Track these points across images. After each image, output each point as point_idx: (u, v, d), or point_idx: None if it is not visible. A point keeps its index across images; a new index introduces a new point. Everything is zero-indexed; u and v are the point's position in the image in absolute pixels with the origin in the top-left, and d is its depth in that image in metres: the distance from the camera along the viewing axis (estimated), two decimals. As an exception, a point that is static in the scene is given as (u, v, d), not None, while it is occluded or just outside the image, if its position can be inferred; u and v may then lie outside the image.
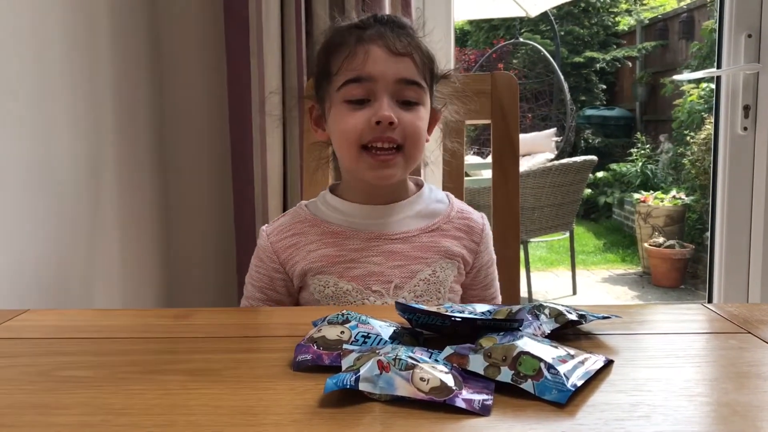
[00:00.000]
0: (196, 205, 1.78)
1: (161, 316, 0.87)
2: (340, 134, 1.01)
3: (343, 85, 0.99)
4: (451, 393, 0.53)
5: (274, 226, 1.08)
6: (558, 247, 5.58)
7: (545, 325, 0.69)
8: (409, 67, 1.00)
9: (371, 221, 1.04)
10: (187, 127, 1.76)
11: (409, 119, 0.98)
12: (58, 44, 1.26)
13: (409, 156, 1.00)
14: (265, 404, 0.55)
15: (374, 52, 0.98)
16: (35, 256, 1.18)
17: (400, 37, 1.00)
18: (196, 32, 1.73)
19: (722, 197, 1.91)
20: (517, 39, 7.69)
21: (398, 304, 0.71)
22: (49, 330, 0.79)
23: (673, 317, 0.83)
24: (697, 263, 4.67)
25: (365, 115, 0.97)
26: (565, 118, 6.56)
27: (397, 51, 0.99)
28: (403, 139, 0.98)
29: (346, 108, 0.99)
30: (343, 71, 0.99)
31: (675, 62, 6.86)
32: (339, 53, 1.01)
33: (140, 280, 1.63)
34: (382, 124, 0.96)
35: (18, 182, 1.13)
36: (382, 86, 0.97)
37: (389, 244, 1.02)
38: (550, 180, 4.08)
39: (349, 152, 1.00)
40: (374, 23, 1.02)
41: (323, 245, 1.02)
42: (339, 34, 1.03)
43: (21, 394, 0.58)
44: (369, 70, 0.97)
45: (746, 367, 0.63)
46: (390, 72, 0.98)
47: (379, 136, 0.97)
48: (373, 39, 0.99)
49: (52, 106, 1.23)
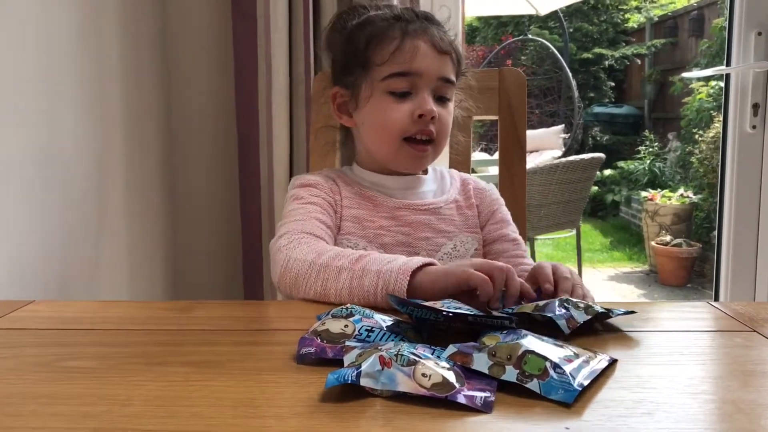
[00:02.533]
0: (202, 198, 1.78)
1: (166, 308, 0.87)
2: (382, 124, 1.04)
3: (389, 77, 1.02)
4: (452, 389, 0.53)
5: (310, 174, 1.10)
6: (564, 245, 5.57)
7: (578, 317, 0.69)
8: (449, 66, 1.05)
9: (399, 191, 1.08)
10: (194, 120, 1.76)
11: (444, 115, 1.04)
12: (66, 40, 1.26)
13: (439, 148, 1.07)
14: (267, 397, 0.55)
15: (422, 48, 1.02)
16: (42, 248, 1.19)
17: (442, 35, 1.05)
18: (203, 26, 1.74)
19: (730, 195, 1.90)
20: (525, 35, 7.67)
21: (392, 297, 0.71)
22: (54, 321, 0.79)
23: (679, 315, 0.83)
24: (705, 262, 4.65)
25: (409, 108, 1.02)
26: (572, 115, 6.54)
27: (442, 49, 1.03)
28: (437, 132, 1.04)
29: (389, 99, 1.03)
30: (390, 63, 1.02)
31: (684, 60, 6.82)
32: (384, 44, 1.03)
33: (146, 273, 1.63)
34: (425, 117, 1.01)
35: (25, 175, 1.13)
36: (425, 81, 1.02)
37: (417, 214, 1.06)
38: (557, 177, 4.07)
39: (390, 143, 1.04)
40: (416, 18, 1.06)
41: (356, 205, 1.05)
42: (381, 24, 1.05)
43: (24, 384, 0.59)
44: (417, 66, 1.01)
45: (751, 366, 0.62)
46: (434, 68, 1.02)
47: (422, 129, 1.02)
48: (418, 34, 1.03)
49: (60, 100, 1.23)
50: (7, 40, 1.09)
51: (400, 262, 0.83)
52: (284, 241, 0.94)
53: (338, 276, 0.84)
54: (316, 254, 0.88)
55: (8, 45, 1.09)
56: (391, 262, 0.83)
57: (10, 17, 1.09)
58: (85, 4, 1.33)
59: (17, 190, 1.11)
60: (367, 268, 0.84)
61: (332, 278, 0.85)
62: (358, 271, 0.84)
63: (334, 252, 0.88)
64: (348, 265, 0.85)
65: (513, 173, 1.29)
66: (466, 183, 1.15)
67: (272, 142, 1.60)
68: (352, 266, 0.85)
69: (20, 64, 1.12)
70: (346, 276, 0.84)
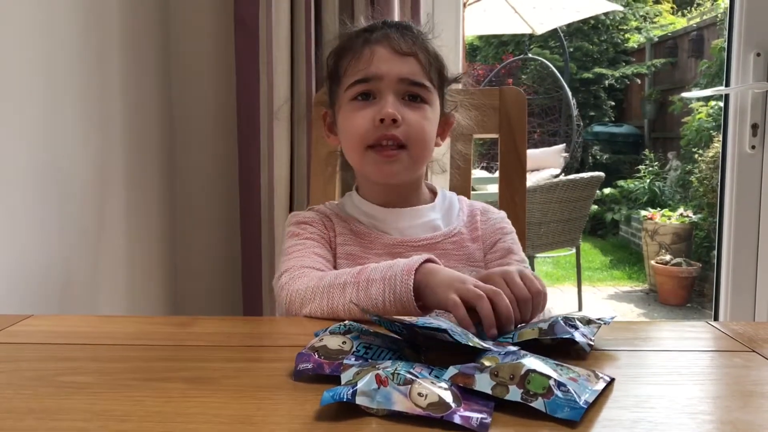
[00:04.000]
0: (202, 213, 1.79)
1: (164, 323, 0.86)
2: (347, 133, 1.03)
3: (350, 86, 1.01)
4: (448, 409, 0.53)
5: (305, 211, 1.10)
6: (564, 263, 5.56)
7: (588, 333, 0.69)
8: (414, 67, 1.01)
9: (394, 225, 1.04)
10: (196, 136, 1.77)
11: (413, 118, 0.99)
12: (68, 50, 1.27)
13: (414, 155, 1.01)
14: (263, 413, 0.55)
15: (378, 52, 1.00)
16: (41, 261, 1.19)
17: (404, 38, 1.02)
18: (205, 44, 1.75)
19: (729, 215, 1.90)
20: (526, 54, 7.71)
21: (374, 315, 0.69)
22: (52, 335, 0.79)
23: (678, 334, 0.83)
24: (704, 281, 4.64)
25: (370, 113, 0.99)
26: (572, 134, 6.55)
27: (402, 50, 1.00)
28: (407, 137, 0.99)
29: (352, 107, 1.01)
30: (350, 72, 1.01)
31: (684, 80, 6.85)
32: (347, 56, 1.03)
33: (146, 288, 1.63)
34: (386, 121, 0.97)
35: (25, 187, 1.14)
36: (386, 84, 0.99)
37: (413, 251, 1.00)
38: (557, 195, 4.07)
39: (356, 151, 1.02)
40: (381, 26, 1.04)
41: (350, 242, 1.03)
42: (347, 39, 1.05)
43: (21, 399, 0.58)
44: (374, 70, 0.99)
45: (750, 386, 0.62)
46: (394, 71, 0.99)
47: (383, 134, 0.98)
48: (378, 40, 1.02)
49: (60, 112, 1.24)
50: (7, 46, 1.09)
51: (401, 265, 0.83)
52: (285, 278, 0.94)
53: (344, 291, 0.85)
54: (318, 279, 0.89)
55: (8, 51, 1.09)
56: (392, 267, 0.84)
57: (11, 28, 1.10)
58: (87, 15, 1.34)
59: (15, 202, 1.11)
60: (371, 277, 0.84)
61: (338, 294, 0.85)
62: (363, 282, 0.84)
63: (335, 273, 0.89)
64: (351, 279, 0.85)
65: (513, 192, 1.29)
66: (473, 213, 1.10)
67: (273, 159, 1.60)
68: (355, 279, 0.85)
69: (20, 74, 1.13)
70: (351, 289, 0.84)
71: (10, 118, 1.09)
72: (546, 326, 0.70)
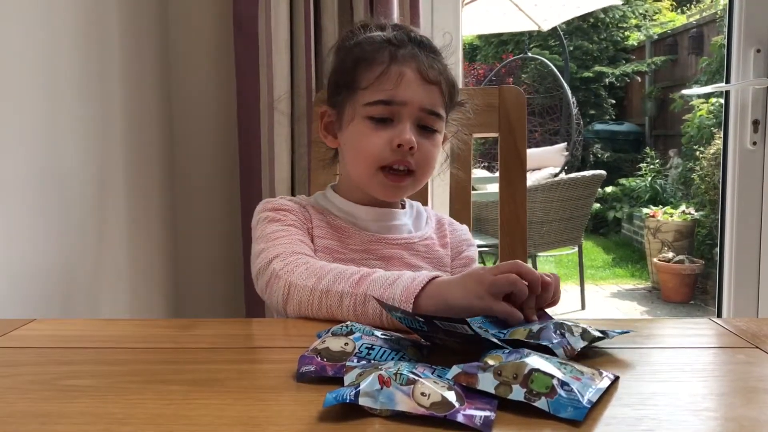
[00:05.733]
0: (204, 216, 1.79)
1: (166, 326, 0.86)
2: (359, 151, 1.01)
3: (372, 104, 0.99)
4: (451, 408, 0.52)
5: (280, 198, 1.07)
6: (567, 262, 5.56)
7: (575, 343, 0.67)
8: (436, 97, 1.01)
9: (372, 223, 1.04)
10: (196, 137, 1.77)
11: (426, 147, 1.00)
12: (68, 53, 1.27)
13: (419, 181, 1.03)
14: (266, 415, 0.55)
15: (407, 76, 0.98)
16: (43, 264, 1.19)
17: (432, 64, 1.00)
18: (205, 47, 1.75)
19: (731, 212, 1.89)
20: (525, 54, 7.71)
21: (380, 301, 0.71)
22: (54, 339, 0.79)
23: (680, 331, 0.83)
24: (707, 279, 4.64)
25: (387, 137, 0.98)
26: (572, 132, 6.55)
27: (429, 79, 0.99)
28: (417, 165, 1.00)
29: (368, 125, 0.99)
30: (374, 89, 0.99)
31: (684, 77, 6.85)
32: (371, 68, 1.00)
33: (148, 289, 1.63)
34: (403, 147, 0.97)
35: (25, 191, 1.14)
36: (408, 111, 0.98)
37: (390, 248, 1.03)
38: (558, 194, 4.08)
39: (366, 170, 1.01)
40: (408, 42, 1.02)
41: (328, 235, 1.02)
42: (371, 48, 1.02)
43: (23, 403, 0.58)
44: (400, 95, 0.98)
45: (754, 382, 0.62)
46: (418, 99, 0.99)
47: (399, 159, 0.98)
48: (406, 61, 0.99)
49: (60, 116, 1.24)
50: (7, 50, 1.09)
51: (401, 286, 0.80)
52: (278, 264, 0.91)
53: (341, 302, 0.83)
54: (316, 278, 0.86)
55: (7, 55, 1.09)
56: (392, 285, 0.81)
57: (11, 31, 1.10)
58: (87, 17, 1.34)
59: (16, 206, 1.11)
60: (369, 294, 0.82)
61: (335, 305, 0.83)
62: (360, 297, 0.82)
63: (333, 274, 0.86)
64: (349, 289, 0.83)
65: (514, 191, 1.29)
66: (441, 223, 1.14)
67: (274, 160, 1.60)
68: (353, 290, 0.83)
69: (20, 78, 1.13)
70: (349, 302, 0.82)
71: (9, 123, 1.09)
72: (536, 329, 0.69)
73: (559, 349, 0.66)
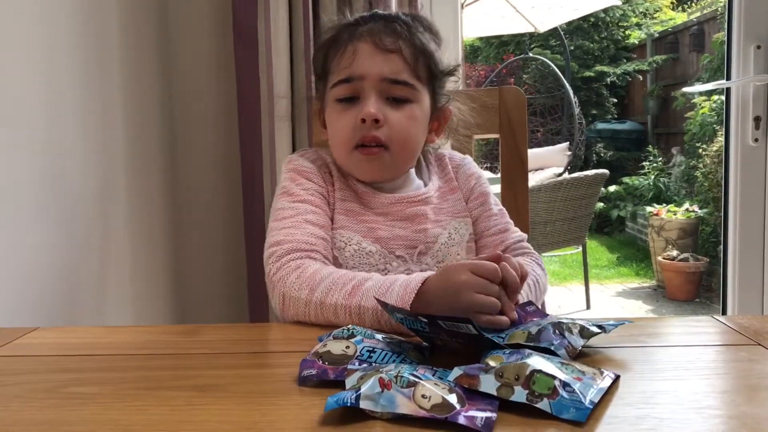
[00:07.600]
0: (206, 219, 1.79)
1: (169, 332, 0.87)
2: (333, 135, 1.02)
3: (335, 85, 0.99)
4: (452, 410, 0.53)
5: (304, 160, 1.05)
6: (571, 262, 5.55)
7: (575, 342, 0.67)
8: (397, 65, 0.97)
9: (388, 187, 1.04)
10: (198, 141, 1.77)
11: (396, 118, 0.97)
12: (69, 58, 1.27)
13: (396, 156, 0.99)
14: (269, 420, 0.55)
15: (361, 49, 0.97)
16: (46, 272, 1.19)
17: (388, 32, 0.98)
18: (205, 52, 1.75)
19: (734, 209, 1.89)
20: (526, 54, 7.70)
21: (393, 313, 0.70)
22: (58, 347, 0.79)
23: (683, 329, 0.83)
24: (712, 276, 4.63)
25: (353, 115, 0.97)
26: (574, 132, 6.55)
27: (384, 47, 0.96)
28: (389, 138, 0.97)
29: (337, 108, 1.00)
30: (335, 70, 0.99)
31: (686, 75, 6.84)
32: (332, 52, 1.00)
33: (151, 295, 1.63)
34: (367, 121, 0.95)
35: (28, 197, 1.14)
36: (369, 84, 0.96)
37: (412, 206, 1.01)
38: (561, 194, 4.07)
39: (343, 152, 1.01)
40: (370, 20, 1.01)
41: (350, 197, 1.01)
42: (335, 33, 1.02)
43: (27, 410, 0.59)
44: (356, 69, 0.97)
45: (756, 380, 0.62)
46: (376, 69, 0.96)
47: (366, 135, 0.96)
48: (363, 36, 0.98)
49: (61, 121, 1.24)
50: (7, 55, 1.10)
51: (394, 296, 0.79)
52: (273, 266, 0.90)
53: (336, 314, 0.82)
54: (309, 289, 0.85)
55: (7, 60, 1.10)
56: (385, 294, 0.80)
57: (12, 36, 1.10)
58: (87, 20, 1.35)
59: (19, 213, 1.12)
60: (363, 305, 0.81)
61: (332, 316, 0.83)
62: (355, 309, 0.81)
63: (325, 284, 0.84)
64: (343, 301, 0.82)
65: (516, 191, 1.29)
66: (443, 163, 1.11)
67: (275, 165, 1.61)
68: (347, 302, 0.82)
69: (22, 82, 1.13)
70: (344, 314, 0.82)
71: (10, 129, 1.09)
72: (535, 331, 0.69)
73: (561, 350, 0.66)
